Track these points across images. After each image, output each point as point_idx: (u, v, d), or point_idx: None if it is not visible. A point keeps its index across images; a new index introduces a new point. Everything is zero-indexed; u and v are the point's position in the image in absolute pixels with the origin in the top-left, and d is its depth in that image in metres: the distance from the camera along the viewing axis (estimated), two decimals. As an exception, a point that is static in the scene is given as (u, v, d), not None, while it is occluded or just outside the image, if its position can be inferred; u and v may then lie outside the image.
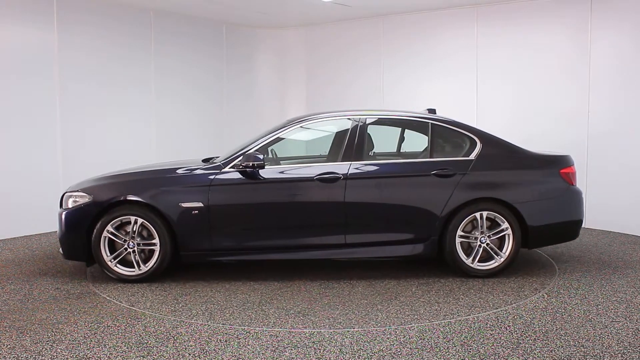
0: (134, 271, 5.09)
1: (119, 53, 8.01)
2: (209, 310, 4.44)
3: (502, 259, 5.17)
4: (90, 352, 3.62)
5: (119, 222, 5.09)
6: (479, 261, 5.18)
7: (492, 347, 3.66)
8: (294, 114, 9.15)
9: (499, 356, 3.52)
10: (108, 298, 4.71)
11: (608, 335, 3.83)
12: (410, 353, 3.58)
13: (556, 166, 5.35)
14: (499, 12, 7.88)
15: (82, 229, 5.08)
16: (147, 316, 4.27)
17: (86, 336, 3.87)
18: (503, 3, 7.83)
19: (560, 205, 5.32)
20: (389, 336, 3.86)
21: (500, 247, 5.19)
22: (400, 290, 4.89)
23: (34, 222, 7.23)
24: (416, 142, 5.70)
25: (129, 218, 5.06)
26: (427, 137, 5.42)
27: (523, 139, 7.11)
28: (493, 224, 5.19)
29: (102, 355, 3.56)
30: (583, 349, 3.61)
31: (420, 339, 3.81)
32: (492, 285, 4.98)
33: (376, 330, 3.98)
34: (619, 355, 3.52)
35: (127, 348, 3.68)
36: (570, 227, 5.41)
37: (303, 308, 4.45)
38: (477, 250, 5.16)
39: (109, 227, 5.06)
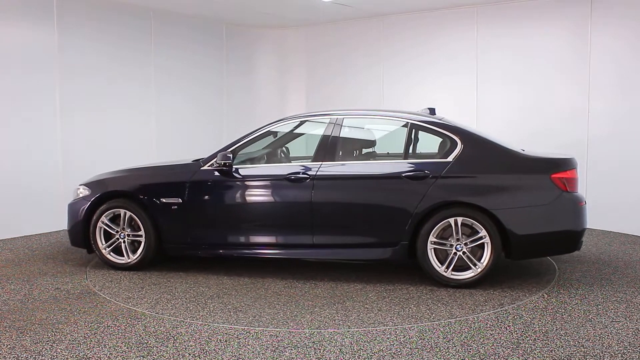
0: (123, 259, 5.50)
1: (118, 52, 8.00)
2: (158, 300, 4.68)
3: (479, 269, 4.79)
4: (90, 352, 3.62)
5: (112, 214, 5.51)
6: (456, 270, 4.84)
7: (492, 347, 3.66)
8: (293, 113, 9.14)
9: (499, 356, 3.52)
10: (108, 298, 4.71)
11: (608, 335, 3.83)
12: (410, 353, 3.58)
13: (546, 170, 4.84)
14: (499, 12, 7.88)
15: (82, 219, 5.54)
16: (147, 316, 4.27)
17: (86, 336, 3.87)
18: (503, 3, 7.83)
19: (551, 214, 4.81)
20: (389, 336, 3.86)
21: (482, 257, 4.82)
22: (356, 294, 4.78)
23: (34, 222, 7.23)
24: (397, 142, 5.58)
25: (120, 211, 5.46)
26: (404, 137, 5.25)
27: (523, 139, 7.10)
28: (474, 232, 4.83)
29: (102, 355, 3.56)
30: (583, 349, 3.61)
31: (420, 339, 3.81)
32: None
33: (376, 330, 3.98)
34: (619, 355, 3.52)
35: (127, 348, 3.68)
36: (565, 238, 4.90)
37: (243, 304, 4.54)
38: (452, 258, 4.82)
39: (103, 218, 5.50)
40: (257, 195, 5.35)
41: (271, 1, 8.01)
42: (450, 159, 4.94)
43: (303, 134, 5.86)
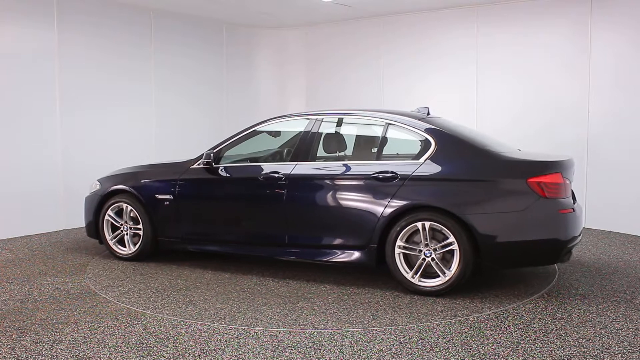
0: (125, 250, 5.87)
1: (118, 50, 7.99)
2: (130, 289, 4.94)
3: (447, 277, 4.51)
4: (90, 352, 3.62)
5: (117, 208, 5.88)
6: (427, 277, 4.61)
7: (492, 347, 3.66)
8: (291, 112, 9.13)
9: (499, 356, 3.52)
10: (108, 298, 4.71)
11: (608, 335, 3.83)
12: (410, 353, 3.58)
13: (522, 174, 4.49)
14: (499, 12, 7.87)
15: (94, 212, 5.98)
16: (147, 316, 4.27)
17: (86, 336, 3.87)
18: (503, 3, 7.83)
19: (525, 221, 4.46)
20: (389, 336, 3.86)
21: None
22: (317, 295, 4.72)
23: (34, 222, 7.23)
24: (373, 142, 5.46)
25: (123, 205, 5.84)
26: (379, 138, 5.14)
27: (523, 138, 7.12)
28: (446, 237, 4.56)
29: (102, 355, 3.56)
30: (583, 349, 3.61)
31: (420, 339, 3.81)
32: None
33: (376, 330, 3.98)
34: (619, 355, 3.52)
35: (127, 348, 3.68)
36: (545, 248, 4.51)
37: (201, 299, 4.67)
38: (420, 264, 4.60)
39: (109, 212, 5.89)
40: (236, 193, 5.50)
41: (271, 1, 8.01)
42: (421, 160, 4.76)
43: (292, 133, 5.85)
